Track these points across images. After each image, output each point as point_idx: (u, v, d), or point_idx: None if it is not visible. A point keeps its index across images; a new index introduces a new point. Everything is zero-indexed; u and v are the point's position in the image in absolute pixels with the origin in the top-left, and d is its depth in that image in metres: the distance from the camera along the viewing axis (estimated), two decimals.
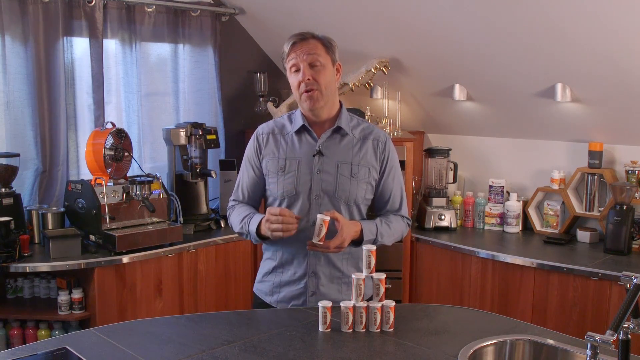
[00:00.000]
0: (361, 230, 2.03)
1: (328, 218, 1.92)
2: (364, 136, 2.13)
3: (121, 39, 3.52)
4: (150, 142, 3.73)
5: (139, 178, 3.19)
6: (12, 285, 3.13)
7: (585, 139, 3.39)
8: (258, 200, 2.22)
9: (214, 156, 3.87)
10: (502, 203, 3.65)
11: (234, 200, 2.23)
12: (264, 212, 2.05)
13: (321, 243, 1.93)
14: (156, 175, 3.28)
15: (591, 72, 2.94)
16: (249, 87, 4.11)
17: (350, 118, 2.15)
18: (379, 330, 1.86)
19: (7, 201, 3.03)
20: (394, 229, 2.14)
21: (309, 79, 2.02)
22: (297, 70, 2.04)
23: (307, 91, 2.03)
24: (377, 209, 2.20)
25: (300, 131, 2.12)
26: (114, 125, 3.23)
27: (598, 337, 1.38)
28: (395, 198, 2.17)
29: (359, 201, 2.11)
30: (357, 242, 2.05)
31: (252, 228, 2.05)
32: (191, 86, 3.88)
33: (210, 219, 3.64)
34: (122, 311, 3.04)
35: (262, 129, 2.19)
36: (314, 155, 2.08)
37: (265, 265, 2.21)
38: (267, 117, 3.90)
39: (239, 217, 2.13)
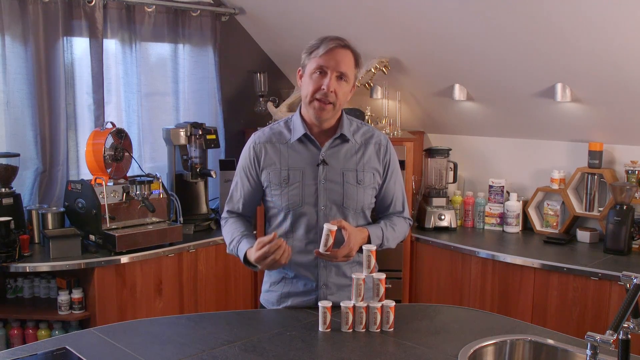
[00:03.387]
0: (368, 237, 2.00)
1: (335, 228, 1.87)
2: (365, 140, 2.08)
3: (121, 39, 3.52)
4: (150, 142, 3.73)
5: (139, 178, 3.19)
6: (12, 285, 3.13)
7: (585, 139, 3.38)
8: (254, 209, 2.17)
9: (214, 156, 3.87)
10: (502, 203, 3.65)
11: (228, 211, 2.15)
12: (262, 221, 2.00)
13: (328, 253, 1.88)
14: (156, 175, 3.28)
15: (591, 72, 2.94)
16: (249, 87, 4.12)
17: (350, 122, 2.08)
18: (379, 330, 1.86)
19: (7, 201, 3.03)
20: (398, 231, 2.12)
21: (331, 92, 1.93)
22: (321, 74, 1.93)
23: (322, 101, 1.94)
24: (379, 211, 2.17)
25: (302, 139, 2.03)
26: (114, 125, 3.23)
27: (598, 337, 1.38)
28: (397, 201, 2.15)
29: (366, 207, 2.07)
30: None
31: (241, 255, 1.98)
32: (191, 86, 3.87)
33: (210, 219, 3.64)
34: (122, 311, 3.04)
35: (258, 138, 2.08)
36: (318, 165, 2.02)
37: (272, 274, 2.13)
38: (267, 117, 3.90)
39: (229, 236, 2.07)
